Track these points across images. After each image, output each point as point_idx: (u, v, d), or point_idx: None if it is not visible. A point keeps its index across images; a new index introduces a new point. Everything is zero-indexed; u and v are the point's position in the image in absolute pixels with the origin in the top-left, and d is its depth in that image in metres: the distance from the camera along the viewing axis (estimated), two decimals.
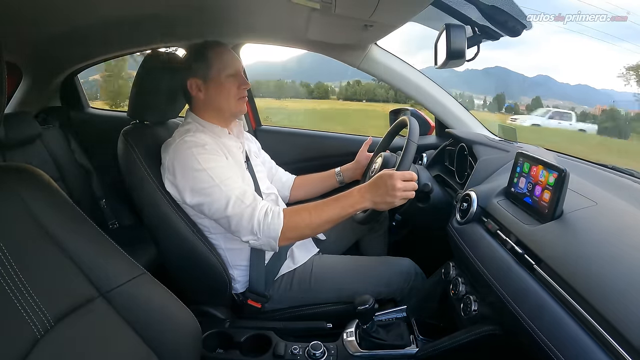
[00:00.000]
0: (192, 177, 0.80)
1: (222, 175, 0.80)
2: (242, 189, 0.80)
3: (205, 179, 0.79)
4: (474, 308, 0.73)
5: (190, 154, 0.80)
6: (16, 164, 0.51)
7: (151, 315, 0.54)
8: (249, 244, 0.81)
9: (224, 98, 0.89)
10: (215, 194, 0.79)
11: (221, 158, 0.84)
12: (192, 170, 0.79)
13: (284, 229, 0.77)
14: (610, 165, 0.90)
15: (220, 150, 0.86)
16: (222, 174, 0.80)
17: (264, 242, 0.79)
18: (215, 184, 0.78)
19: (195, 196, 0.80)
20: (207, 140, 0.84)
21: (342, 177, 1.18)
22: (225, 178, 0.80)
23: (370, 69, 1.28)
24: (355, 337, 0.82)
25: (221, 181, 0.79)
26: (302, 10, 0.88)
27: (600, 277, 0.48)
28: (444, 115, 1.31)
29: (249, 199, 0.79)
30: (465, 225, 0.81)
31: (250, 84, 0.94)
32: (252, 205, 0.79)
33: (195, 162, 0.79)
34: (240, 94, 0.91)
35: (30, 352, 0.42)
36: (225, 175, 0.81)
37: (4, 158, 1.22)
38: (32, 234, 0.47)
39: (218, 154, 0.84)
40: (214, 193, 0.79)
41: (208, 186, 0.79)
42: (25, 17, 0.92)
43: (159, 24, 1.11)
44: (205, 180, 0.79)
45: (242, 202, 0.78)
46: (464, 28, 0.79)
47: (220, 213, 0.79)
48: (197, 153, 0.80)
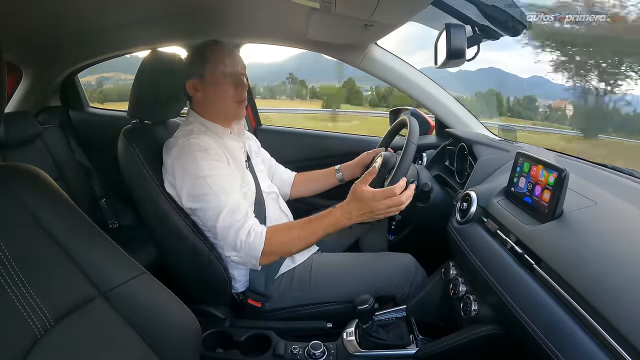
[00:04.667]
0: (190, 182, 0.80)
1: (220, 185, 0.80)
2: (237, 202, 0.80)
3: (203, 185, 0.79)
4: (473, 308, 0.73)
5: (192, 157, 0.80)
6: (16, 164, 0.51)
7: (151, 314, 0.54)
8: (231, 259, 0.81)
9: (221, 99, 0.89)
10: (210, 202, 0.79)
11: (222, 165, 0.84)
12: (191, 174, 0.80)
13: (265, 249, 0.77)
14: (610, 165, 0.90)
15: (222, 155, 0.85)
16: (220, 182, 0.80)
17: (246, 260, 0.80)
18: (212, 192, 0.79)
19: (191, 200, 0.81)
20: (211, 143, 0.84)
21: (341, 175, 1.18)
22: (223, 188, 0.80)
23: (371, 69, 1.28)
24: (355, 337, 0.82)
25: (218, 190, 0.79)
26: (302, 10, 0.88)
27: (600, 277, 0.48)
28: (444, 115, 1.31)
29: (241, 214, 0.79)
30: (465, 225, 0.81)
31: (247, 85, 0.92)
32: (241, 220, 0.79)
33: (196, 167, 0.80)
34: (238, 96, 0.90)
35: (30, 352, 0.42)
36: (224, 184, 0.81)
37: (4, 158, 1.22)
38: (32, 234, 0.47)
39: (220, 159, 0.84)
40: (209, 201, 0.79)
41: (205, 193, 0.79)
42: (25, 18, 0.92)
43: (159, 24, 1.11)
44: (203, 187, 0.79)
45: (234, 215, 0.78)
46: (464, 28, 0.79)
47: (211, 222, 0.80)
48: (200, 158, 0.80)
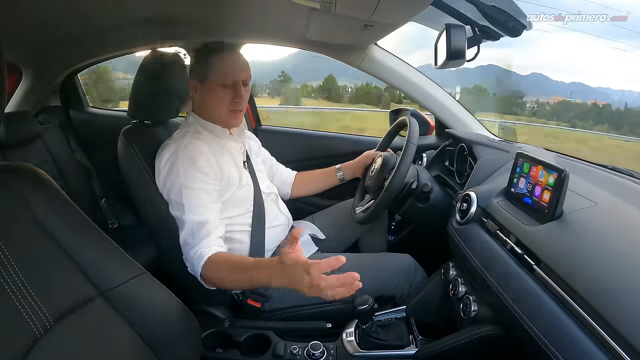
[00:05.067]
0: (170, 186, 0.82)
1: (194, 199, 0.81)
2: (202, 221, 0.80)
3: (178, 193, 0.81)
4: (473, 308, 0.73)
5: (178, 164, 0.81)
6: (17, 164, 0.51)
7: (151, 314, 0.54)
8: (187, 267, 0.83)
9: (215, 105, 0.88)
10: (177, 211, 0.82)
11: (205, 178, 0.83)
12: (173, 180, 0.82)
13: (203, 276, 0.78)
14: (610, 166, 0.90)
15: (210, 166, 0.84)
16: (194, 197, 0.81)
17: (192, 272, 0.81)
18: (182, 203, 0.81)
19: (169, 203, 0.84)
20: (203, 148, 0.84)
21: (342, 175, 1.18)
22: (195, 203, 0.81)
23: (371, 69, 1.28)
24: (354, 337, 0.82)
25: (188, 205, 0.80)
26: (302, 10, 0.88)
27: (600, 278, 0.48)
28: (444, 115, 1.31)
29: (200, 235, 0.79)
30: (465, 225, 0.81)
31: (244, 96, 0.88)
32: (196, 242, 0.79)
33: (177, 175, 0.81)
34: (233, 106, 0.87)
35: (29, 352, 0.42)
36: (197, 200, 0.81)
37: (4, 157, 1.22)
38: (32, 234, 0.48)
39: (206, 172, 0.83)
40: (178, 209, 0.82)
41: (176, 201, 0.82)
42: (25, 17, 0.92)
43: (159, 24, 1.11)
44: (178, 194, 0.81)
45: (192, 234, 0.80)
46: (464, 28, 0.79)
47: (179, 229, 0.83)
48: (184, 166, 0.81)
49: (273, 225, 0.99)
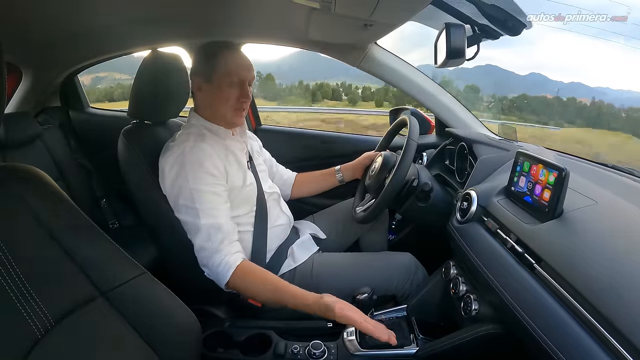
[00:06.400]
0: (178, 191, 0.81)
1: (206, 202, 0.80)
2: (217, 225, 0.80)
3: (189, 197, 0.80)
4: (474, 307, 0.73)
5: (185, 167, 0.80)
6: (17, 164, 0.51)
7: (152, 314, 0.54)
8: (205, 272, 0.83)
9: (221, 104, 0.87)
10: (190, 216, 0.80)
11: (214, 180, 0.82)
12: (181, 184, 0.80)
13: (230, 284, 0.78)
14: (610, 165, 0.90)
15: (218, 168, 0.83)
16: (206, 200, 0.80)
17: (215, 279, 0.81)
18: (195, 207, 0.79)
19: (176, 208, 0.83)
20: (208, 151, 0.83)
21: (342, 176, 1.18)
22: (206, 208, 0.80)
23: (371, 68, 1.28)
24: (355, 336, 0.82)
25: (202, 208, 0.79)
26: (302, 10, 0.88)
27: (601, 276, 0.48)
28: (444, 114, 1.31)
29: (217, 239, 0.79)
30: (466, 224, 0.81)
31: (250, 96, 0.89)
32: (215, 246, 0.79)
33: (184, 179, 0.80)
34: (239, 105, 0.88)
35: (30, 352, 0.42)
36: (209, 203, 0.80)
37: (4, 158, 1.22)
38: (33, 234, 0.47)
39: (214, 174, 0.82)
40: (190, 214, 0.80)
41: (188, 205, 0.80)
42: (25, 18, 0.92)
43: (159, 24, 1.11)
44: (189, 199, 0.80)
45: (209, 238, 0.79)
46: (463, 27, 0.79)
47: (190, 234, 0.82)
48: (192, 169, 0.80)
49: (275, 225, 0.99)
